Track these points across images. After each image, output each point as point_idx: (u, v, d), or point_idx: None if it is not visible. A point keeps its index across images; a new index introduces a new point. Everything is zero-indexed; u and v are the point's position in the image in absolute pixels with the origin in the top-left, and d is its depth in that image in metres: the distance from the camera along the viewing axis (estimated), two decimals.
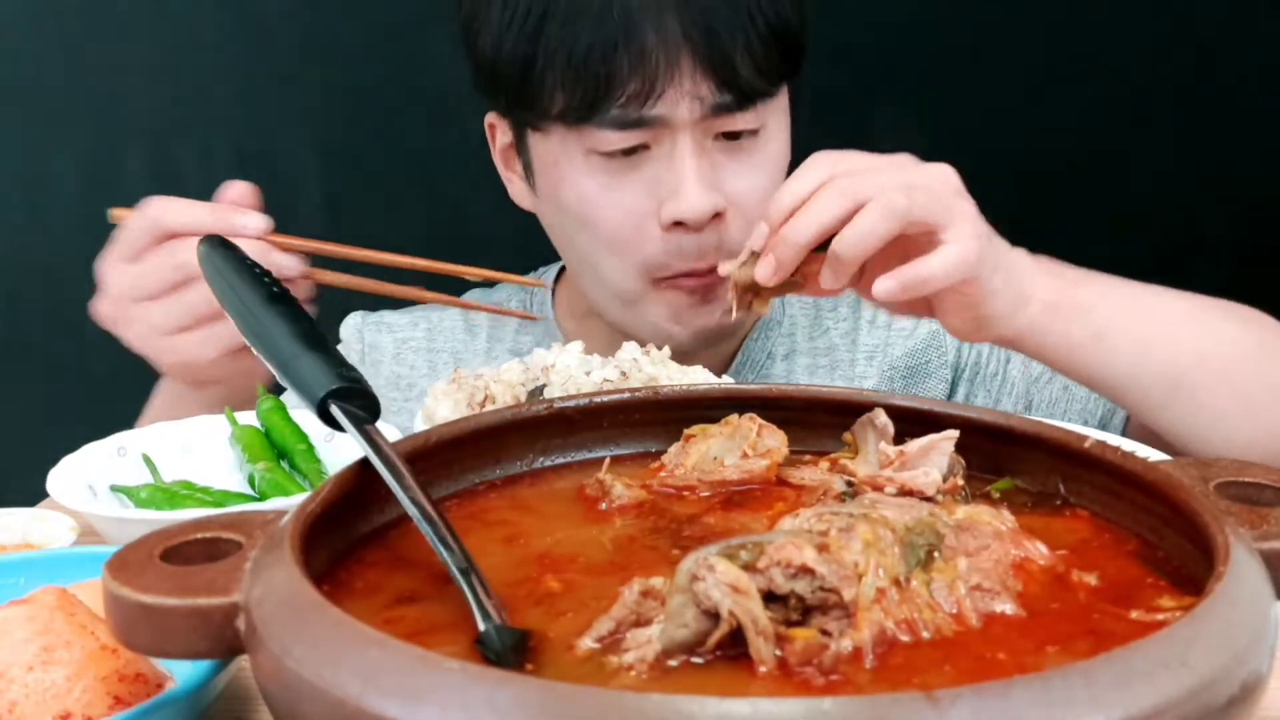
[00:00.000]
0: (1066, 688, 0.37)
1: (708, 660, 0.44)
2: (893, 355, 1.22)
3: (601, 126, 1.04)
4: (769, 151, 1.09)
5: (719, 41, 1.03)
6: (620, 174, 1.07)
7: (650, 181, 1.06)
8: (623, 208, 1.07)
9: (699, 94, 1.04)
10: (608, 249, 1.09)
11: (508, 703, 0.37)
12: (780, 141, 1.11)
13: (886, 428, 0.61)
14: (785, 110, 1.12)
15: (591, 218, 1.08)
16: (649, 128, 1.04)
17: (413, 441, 0.61)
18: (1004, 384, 1.19)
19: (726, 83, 1.04)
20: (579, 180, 1.08)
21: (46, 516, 0.80)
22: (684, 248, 1.06)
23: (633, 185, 1.06)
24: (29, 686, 0.55)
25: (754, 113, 1.06)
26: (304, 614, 0.43)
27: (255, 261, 0.71)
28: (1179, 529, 0.53)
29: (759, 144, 1.09)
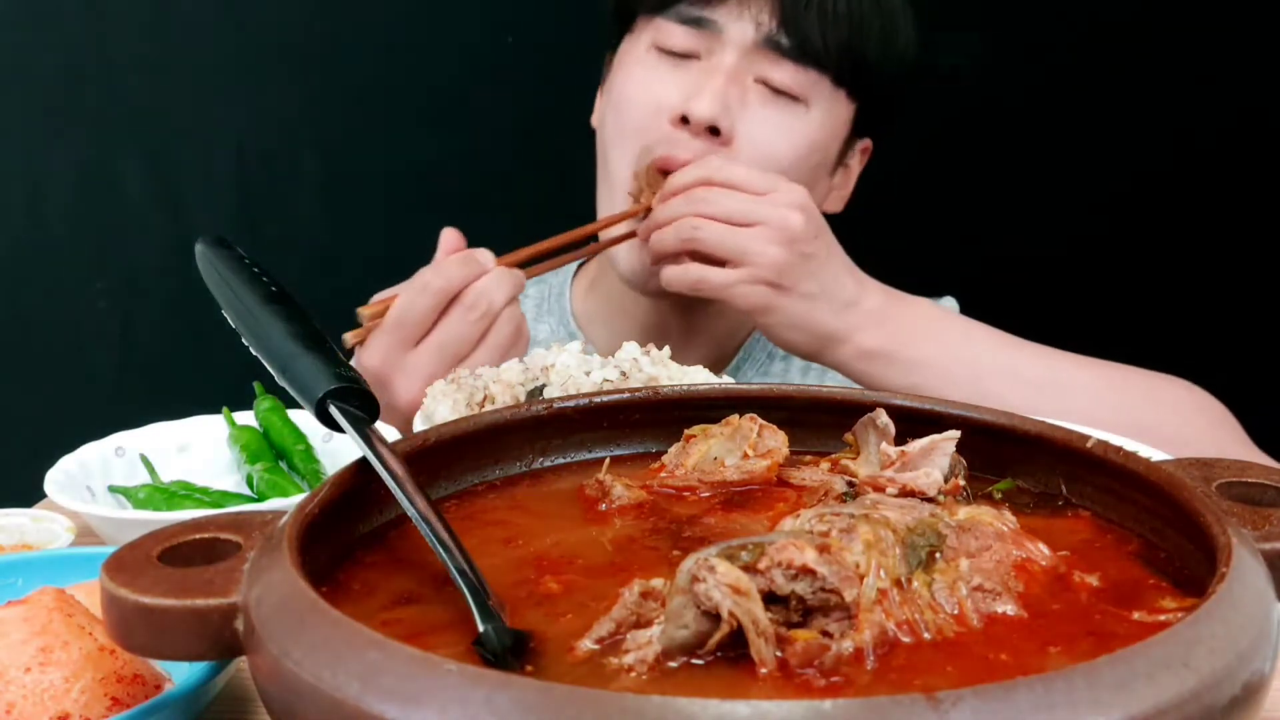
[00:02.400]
0: (1068, 689, 0.37)
1: (708, 662, 0.44)
2: None
3: (669, 19, 1.17)
4: (798, 126, 1.16)
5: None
6: (665, 70, 1.17)
7: (684, 84, 1.15)
8: (650, 95, 1.17)
9: (759, 19, 1.14)
10: (620, 133, 1.19)
11: (507, 704, 0.37)
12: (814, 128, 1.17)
13: (888, 428, 0.61)
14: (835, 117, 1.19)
15: (624, 100, 1.20)
16: (705, 30, 1.15)
17: (411, 442, 0.60)
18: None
19: (787, 23, 1.14)
20: (632, 69, 1.20)
21: (44, 517, 0.80)
22: (676, 139, 1.15)
23: (669, 81, 1.16)
24: (27, 687, 0.54)
25: (800, 75, 1.15)
26: (302, 615, 0.43)
27: (253, 260, 0.71)
28: (1181, 530, 0.52)
29: (794, 110, 1.16)
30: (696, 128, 1.13)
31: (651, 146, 1.15)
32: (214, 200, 1.99)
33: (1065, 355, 1.09)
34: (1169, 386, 1.10)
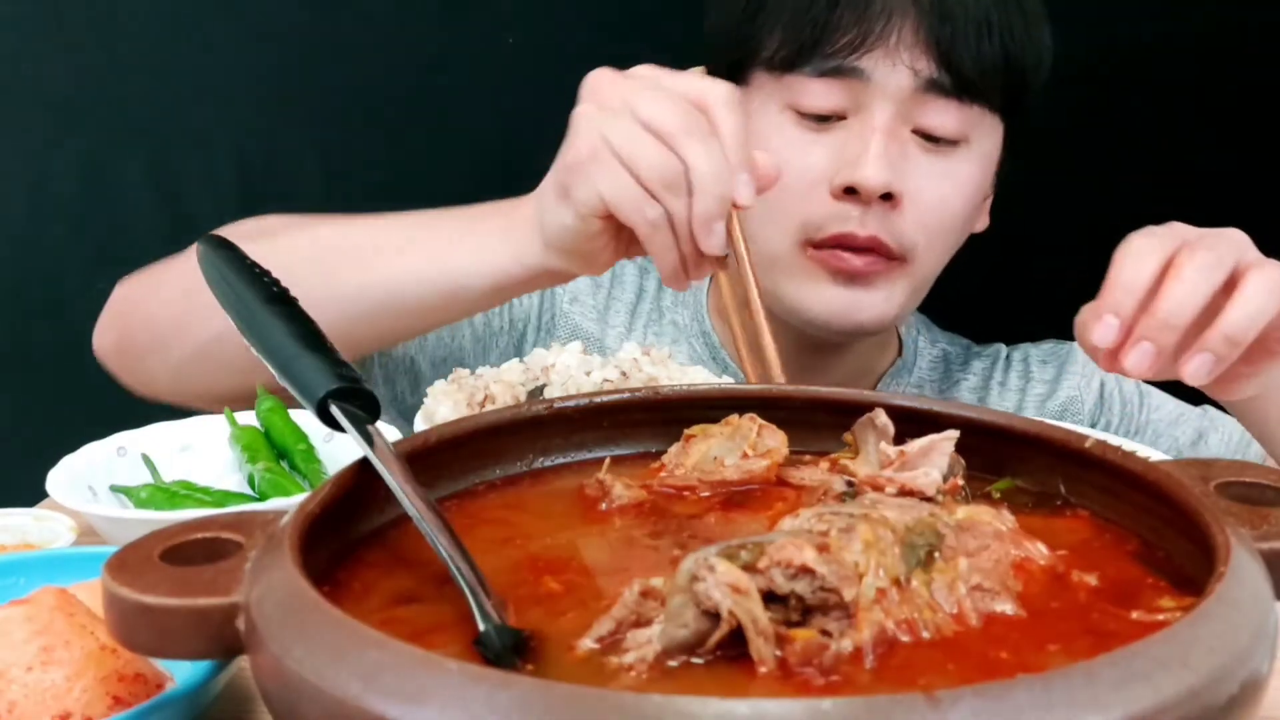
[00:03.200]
0: (1067, 688, 0.37)
1: (708, 660, 0.44)
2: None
3: (807, 75, 1.04)
4: (963, 170, 1.07)
5: (951, 21, 1.02)
6: (809, 137, 1.06)
7: (835, 150, 1.04)
8: (800, 169, 1.05)
9: (914, 65, 1.03)
10: (770, 208, 1.03)
11: (507, 703, 0.37)
12: (978, 166, 1.09)
13: (887, 428, 0.61)
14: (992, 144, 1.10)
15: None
16: (849, 80, 1.03)
17: (412, 442, 0.60)
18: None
19: (947, 61, 1.02)
20: (768, 137, 1.06)
21: (46, 516, 0.80)
22: (848, 214, 1.04)
23: (817, 151, 1.05)
24: (28, 686, 0.55)
25: (960, 115, 1.05)
26: (304, 614, 0.43)
27: (255, 261, 0.71)
28: (1179, 529, 0.52)
29: (956, 155, 1.07)
30: (867, 197, 1.03)
31: (817, 223, 1.05)
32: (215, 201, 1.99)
33: None
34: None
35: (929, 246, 1.08)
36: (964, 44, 1.03)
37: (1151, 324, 0.78)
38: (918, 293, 1.13)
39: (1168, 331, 0.77)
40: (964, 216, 1.10)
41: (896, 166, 1.03)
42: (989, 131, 1.09)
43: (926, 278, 1.12)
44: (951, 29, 1.02)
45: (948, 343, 1.30)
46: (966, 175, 1.08)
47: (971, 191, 1.09)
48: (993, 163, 1.12)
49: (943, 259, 1.12)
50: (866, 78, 1.03)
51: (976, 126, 1.07)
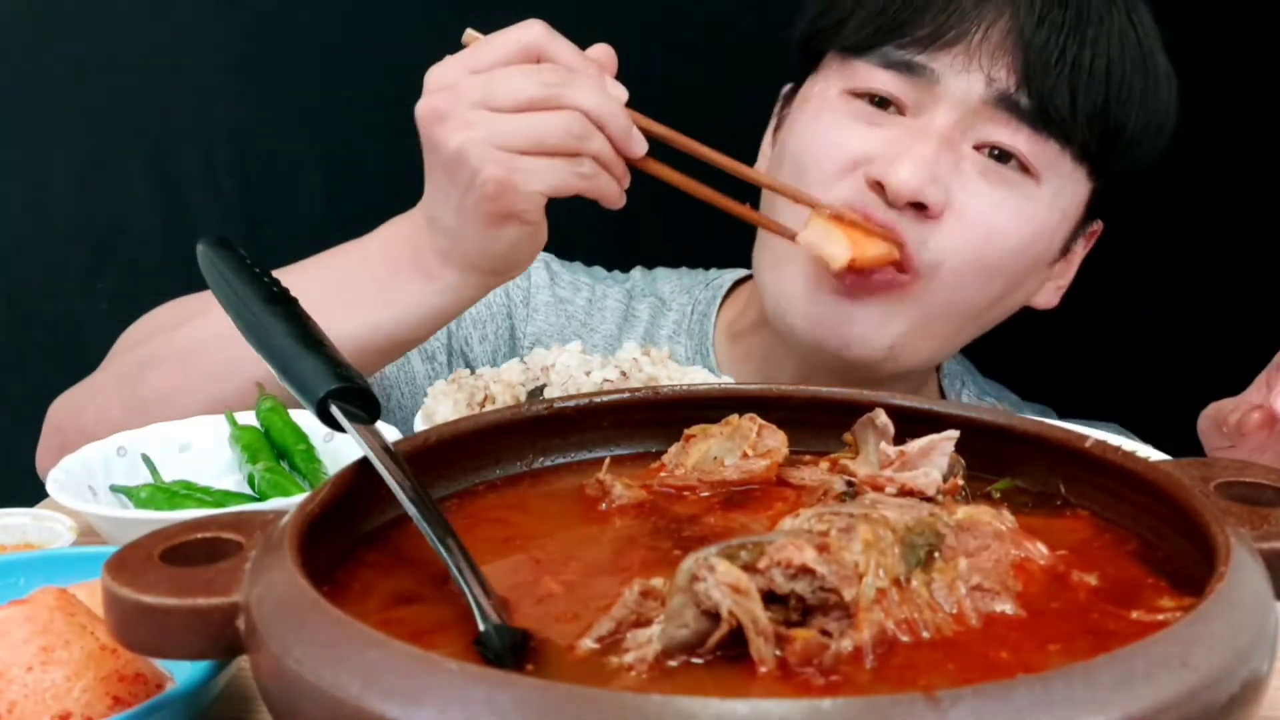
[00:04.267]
0: (1067, 688, 0.37)
1: (708, 660, 0.44)
2: None
3: (874, 62, 0.97)
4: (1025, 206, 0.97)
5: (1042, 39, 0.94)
6: (859, 121, 0.98)
7: (886, 142, 0.96)
8: (840, 148, 0.98)
9: (992, 73, 0.94)
10: (797, 182, 0.98)
11: (507, 703, 0.37)
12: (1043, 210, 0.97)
13: (887, 428, 0.61)
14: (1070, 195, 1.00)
15: (805, 151, 1.00)
16: (917, 79, 0.96)
17: (412, 441, 0.60)
18: None
19: (1030, 79, 0.94)
20: (820, 114, 1.00)
21: (46, 516, 0.80)
22: (872, 204, 0.95)
23: (863, 136, 0.97)
24: (28, 686, 0.54)
25: (1036, 144, 0.96)
26: (303, 614, 0.43)
27: (254, 261, 0.71)
28: (1179, 529, 0.52)
29: (1020, 187, 0.97)
30: (895, 199, 0.94)
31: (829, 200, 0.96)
32: (216, 201, 1.99)
33: None
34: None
35: (954, 273, 0.97)
36: (1055, 67, 0.94)
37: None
38: (932, 334, 1.01)
39: None
40: (1012, 255, 0.98)
41: (941, 177, 0.95)
42: (1067, 178, 0.99)
43: (944, 314, 1.00)
44: (1045, 47, 0.94)
45: (995, 396, 1.21)
46: (1029, 215, 0.97)
47: (1030, 236, 0.98)
48: (1067, 219, 1.01)
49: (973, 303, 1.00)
50: (935, 78, 0.96)
51: (1051, 166, 0.97)
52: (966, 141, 0.97)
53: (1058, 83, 0.94)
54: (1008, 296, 1.03)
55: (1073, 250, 1.08)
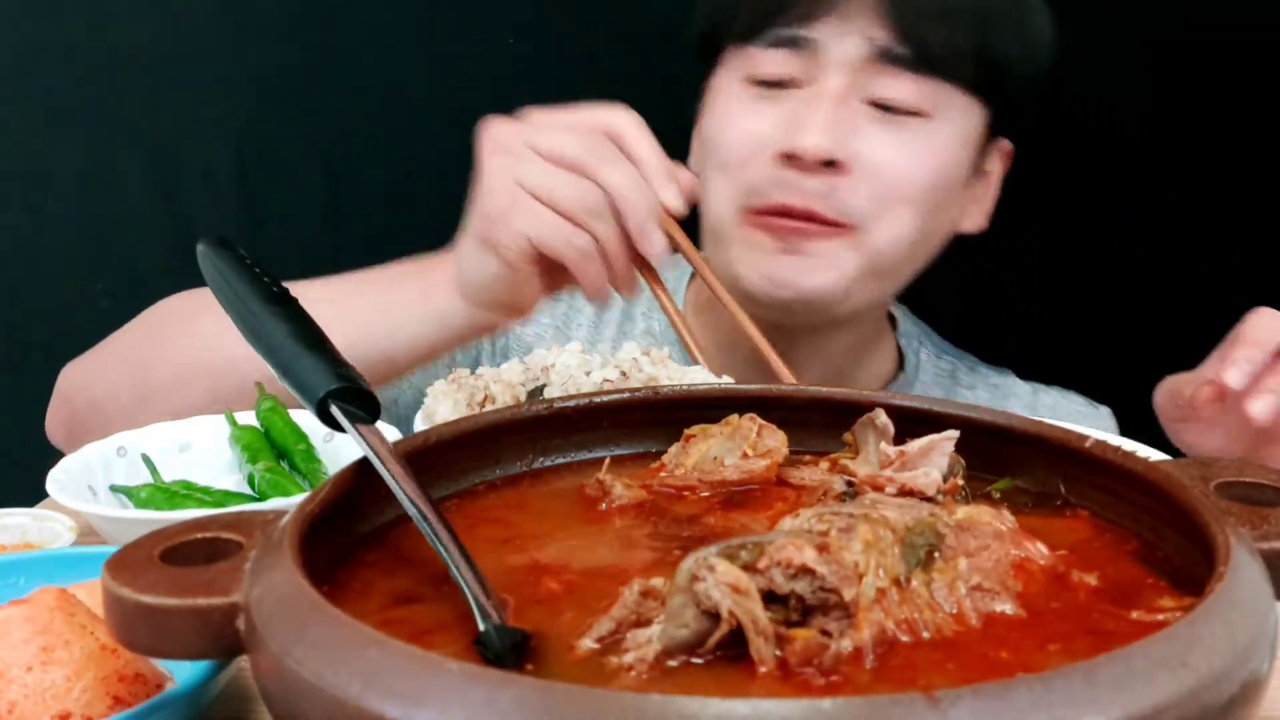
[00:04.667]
0: (1066, 688, 0.37)
1: (708, 660, 0.44)
2: None
3: (763, 45, 1.04)
4: (922, 143, 1.04)
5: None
6: (761, 103, 1.05)
7: (786, 116, 1.04)
8: (749, 132, 1.05)
9: (868, 32, 1.02)
10: (720, 170, 1.06)
11: (507, 703, 0.37)
12: (942, 142, 1.06)
13: (887, 428, 0.61)
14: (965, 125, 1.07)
15: (719, 140, 1.07)
16: (803, 52, 1.03)
17: (412, 441, 0.60)
18: None
19: (903, 31, 1.01)
20: (727, 105, 1.08)
21: (46, 516, 0.80)
22: (788, 180, 1.03)
23: (767, 115, 1.04)
24: (28, 686, 0.55)
25: (921, 87, 1.03)
26: (303, 614, 0.43)
27: (254, 261, 0.71)
28: (1179, 529, 0.52)
29: (915, 127, 1.05)
30: (808, 164, 1.01)
31: (758, 188, 1.04)
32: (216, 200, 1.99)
33: None
34: None
35: (879, 217, 1.05)
36: (926, 16, 1.01)
37: (1277, 380, 0.87)
38: (877, 272, 1.08)
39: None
40: (924, 191, 1.06)
41: (843, 135, 1.02)
42: (960, 112, 1.06)
43: (883, 254, 1.07)
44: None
45: (954, 356, 1.27)
46: (929, 151, 1.05)
47: (933, 167, 1.06)
48: (968, 145, 1.08)
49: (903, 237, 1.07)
50: (817, 46, 1.03)
51: (941, 103, 1.04)
52: (858, 98, 1.03)
53: (931, 29, 1.02)
54: (932, 226, 1.10)
55: (987, 171, 1.15)
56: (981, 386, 1.24)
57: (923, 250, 1.11)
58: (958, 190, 1.10)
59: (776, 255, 1.05)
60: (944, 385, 1.23)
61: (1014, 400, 1.23)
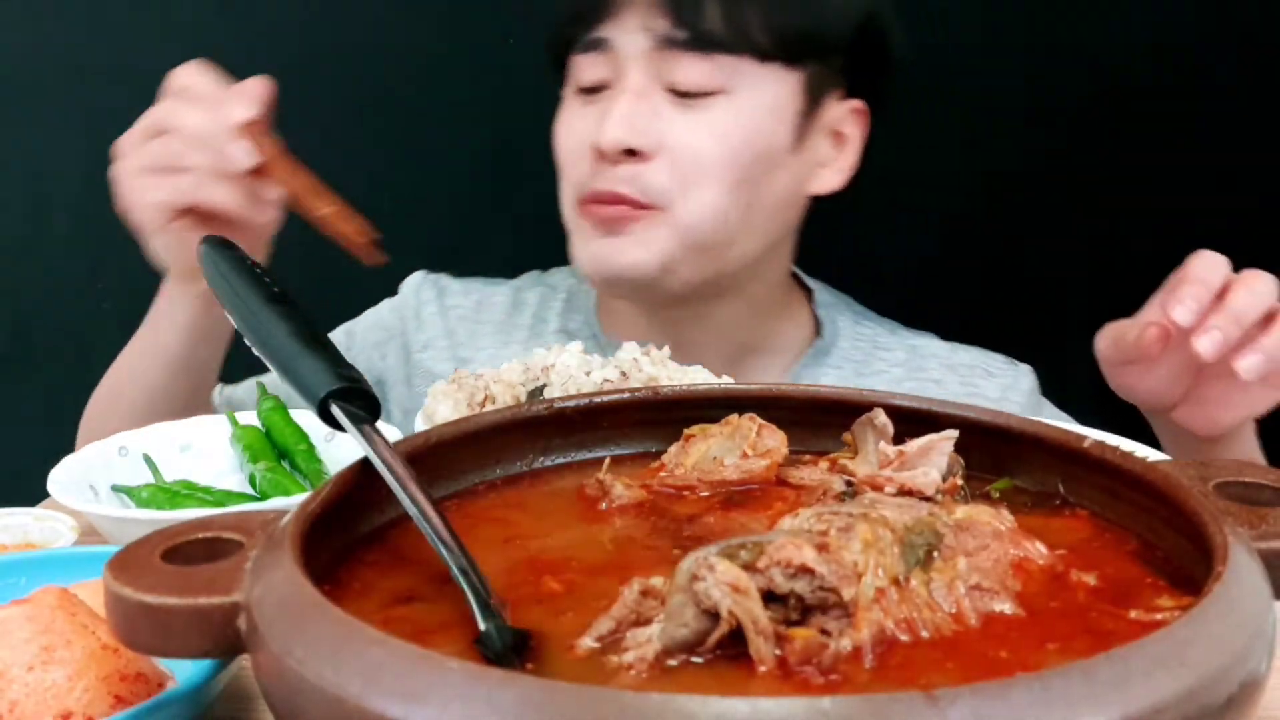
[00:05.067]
0: (1065, 687, 0.37)
1: (707, 660, 0.44)
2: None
3: (577, 54, 1.12)
4: (719, 118, 1.09)
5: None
6: (585, 107, 1.13)
7: (595, 117, 1.11)
8: (574, 135, 1.13)
9: (648, 23, 1.08)
10: (562, 173, 1.15)
11: (508, 702, 0.37)
12: (743, 115, 1.10)
13: (886, 427, 0.62)
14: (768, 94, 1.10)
15: (558, 146, 1.16)
16: (605, 53, 1.10)
17: (413, 441, 0.61)
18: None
19: (679, 17, 1.07)
20: (563, 113, 1.16)
21: (48, 516, 0.80)
22: (601, 172, 1.10)
23: (585, 120, 1.12)
24: (30, 686, 0.55)
25: (706, 68, 1.08)
26: (304, 613, 0.43)
27: (256, 261, 0.72)
28: (1178, 529, 0.53)
29: (713, 106, 1.09)
30: (611, 156, 1.08)
31: (581, 183, 1.12)
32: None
33: None
34: None
35: (684, 195, 1.09)
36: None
37: (1224, 317, 0.90)
38: (698, 246, 1.11)
39: (1235, 326, 0.90)
40: (726, 166, 1.09)
41: (644, 125, 1.08)
42: (758, 79, 1.09)
43: (695, 228, 1.10)
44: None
45: (875, 323, 1.30)
46: (728, 125, 1.09)
47: (737, 143, 1.09)
48: (779, 113, 1.11)
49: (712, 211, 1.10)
50: (611, 45, 1.09)
51: (733, 77, 1.08)
52: (656, 88, 1.09)
53: (700, 10, 1.06)
54: (754, 196, 1.13)
55: (842, 132, 1.17)
56: (900, 349, 1.26)
57: (752, 219, 1.13)
58: (781, 157, 1.13)
59: (595, 239, 1.12)
60: (863, 350, 1.26)
61: (932, 360, 1.25)
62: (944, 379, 1.24)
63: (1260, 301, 0.92)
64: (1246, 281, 0.93)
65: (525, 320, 1.29)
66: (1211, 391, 1.00)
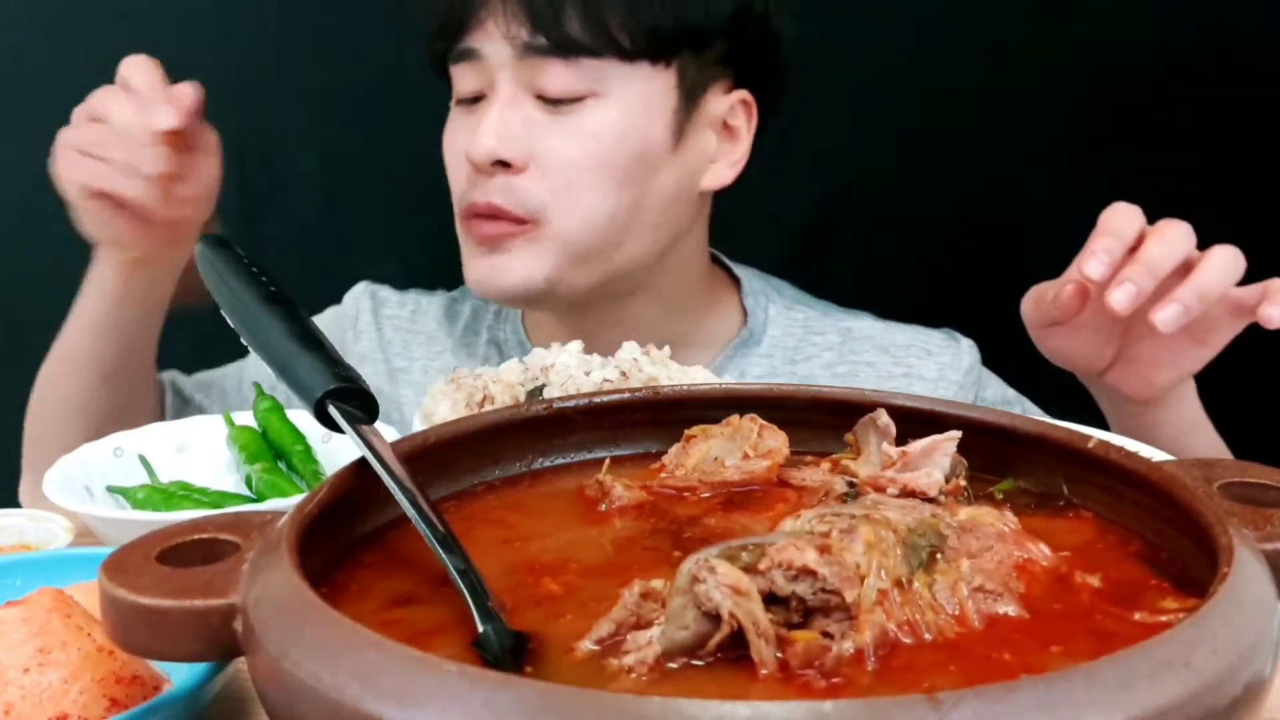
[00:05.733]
0: (1069, 689, 0.37)
1: (708, 662, 0.44)
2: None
3: (452, 65, 1.11)
4: (590, 122, 1.07)
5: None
6: (462, 119, 1.12)
7: (471, 129, 1.09)
8: (454, 148, 1.12)
9: (510, 31, 1.06)
10: (450, 186, 1.14)
11: (506, 705, 0.37)
12: (614, 117, 1.08)
13: (888, 428, 0.61)
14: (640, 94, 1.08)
15: (445, 158, 1.15)
16: (475, 63, 1.09)
17: (411, 442, 0.60)
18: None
19: (539, 23, 1.05)
20: (446, 127, 1.15)
21: (43, 517, 0.80)
22: (475, 183, 1.09)
23: (465, 129, 1.10)
24: (25, 688, 0.54)
25: (571, 72, 1.06)
26: (301, 616, 0.43)
27: (252, 261, 0.71)
28: (1182, 530, 0.52)
29: (582, 111, 1.07)
30: (483, 167, 1.07)
31: (460, 195, 1.11)
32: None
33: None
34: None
35: (561, 206, 1.08)
36: (553, 4, 1.04)
37: (1137, 269, 0.89)
38: (583, 256, 1.10)
39: (1149, 278, 0.89)
40: (601, 170, 1.07)
41: (514, 135, 1.06)
42: (628, 80, 1.07)
43: (576, 240, 1.09)
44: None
45: (808, 306, 1.28)
46: (598, 128, 1.07)
47: (611, 144, 1.07)
48: (654, 112, 1.08)
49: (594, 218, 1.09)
50: (479, 54, 1.08)
51: (601, 80, 1.06)
52: (527, 97, 1.07)
53: (561, 15, 1.04)
54: (646, 197, 1.11)
55: (732, 126, 1.14)
56: (833, 332, 1.24)
57: (639, 221, 1.11)
58: (661, 156, 1.10)
59: (478, 257, 1.11)
60: (795, 335, 1.24)
61: (865, 342, 1.23)
62: (877, 361, 1.22)
63: (1174, 251, 0.90)
64: (1160, 231, 0.91)
65: (457, 330, 1.30)
66: (1139, 350, 0.99)
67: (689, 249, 1.20)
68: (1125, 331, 0.99)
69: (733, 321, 1.26)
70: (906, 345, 1.24)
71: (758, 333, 1.24)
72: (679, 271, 1.20)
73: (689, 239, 1.19)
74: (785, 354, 1.23)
